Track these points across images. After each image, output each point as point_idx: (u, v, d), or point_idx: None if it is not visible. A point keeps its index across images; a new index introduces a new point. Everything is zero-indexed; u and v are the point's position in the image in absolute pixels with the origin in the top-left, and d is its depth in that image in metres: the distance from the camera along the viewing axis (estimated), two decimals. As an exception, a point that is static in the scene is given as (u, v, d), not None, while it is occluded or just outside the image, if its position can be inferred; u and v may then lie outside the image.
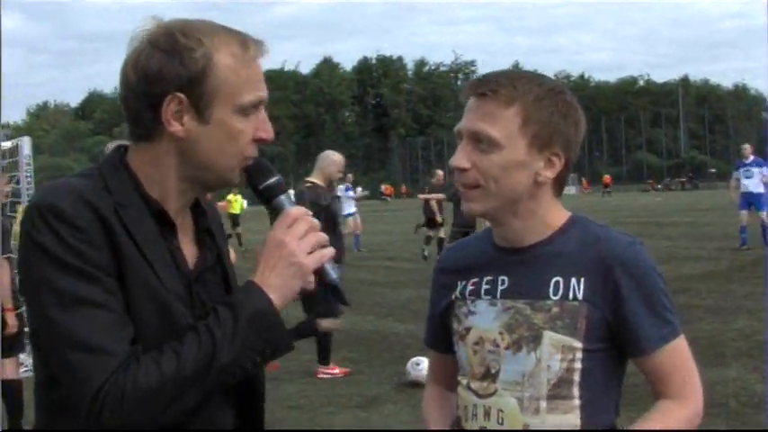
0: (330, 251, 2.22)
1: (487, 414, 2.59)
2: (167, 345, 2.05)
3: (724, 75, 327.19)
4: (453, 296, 2.74)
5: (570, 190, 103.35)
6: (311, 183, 10.96)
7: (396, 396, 9.63)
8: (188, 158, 2.20)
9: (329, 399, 9.61)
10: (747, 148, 25.06)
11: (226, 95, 2.16)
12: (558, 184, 2.61)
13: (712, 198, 62.42)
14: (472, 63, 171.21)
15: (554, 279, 2.54)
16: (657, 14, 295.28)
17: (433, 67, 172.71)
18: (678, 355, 2.57)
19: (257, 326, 2.10)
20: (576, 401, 2.52)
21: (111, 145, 7.02)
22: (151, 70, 2.13)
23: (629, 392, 2.62)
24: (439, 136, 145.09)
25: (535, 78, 2.58)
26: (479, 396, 2.62)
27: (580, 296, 2.50)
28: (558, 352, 2.49)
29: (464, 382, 2.68)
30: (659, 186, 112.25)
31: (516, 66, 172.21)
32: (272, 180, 2.30)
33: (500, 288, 2.61)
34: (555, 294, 2.52)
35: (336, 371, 10.80)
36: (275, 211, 2.28)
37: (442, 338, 2.84)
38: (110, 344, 1.99)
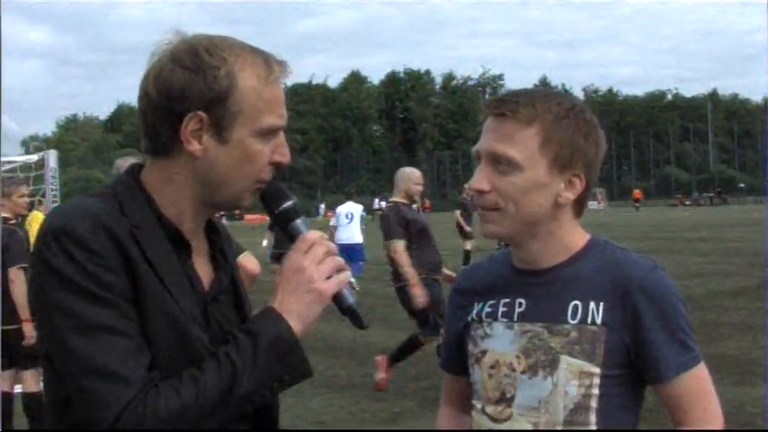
0: (347, 275, 2.19)
1: None
2: (186, 372, 2.02)
3: (753, 89, 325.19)
4: (470, 318, 2.69)
5: (592, 205, 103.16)
6: (393, 203, 10.90)
7: (420, 412, 9.57)
8: (203, 178, 2.17)
9: (353, 414, 9.57)
10: None
11: (247, 117, 2.13)
12: (579, 204, 2.56)
13: (741, 213, 62.24)
14: (500, 77, 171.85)
15: (572, 303, 2.49)
16: (686, 28, 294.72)
17: (460, 81, 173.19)
18: (698, 383, 2.51)
19: (277, 353, 2.08)
20: (593, 428, 2.46)
21: (121, 161, 7.05)
22: (173, 87, 2.10)
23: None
24: (466, 150, 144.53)
25: (555, 97, 2.52)
26: (494, 420, 2.56)
27: (599, 320, 2.45)
28: (576, 377, 2.44)
29: (478, 405, 2.63)
30: (687, 202, 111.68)
31: (544, 80, 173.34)
32: (288, 204, 2.28)
33: (517, 311, 2.56)
34: (573, 318, 2.47)
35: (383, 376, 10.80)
36: (291, 237, 2.25)
37: (456, 360, 2.78)
38: (128, 371, 1.96)
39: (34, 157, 12.34)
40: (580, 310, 2.47)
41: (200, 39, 2.17)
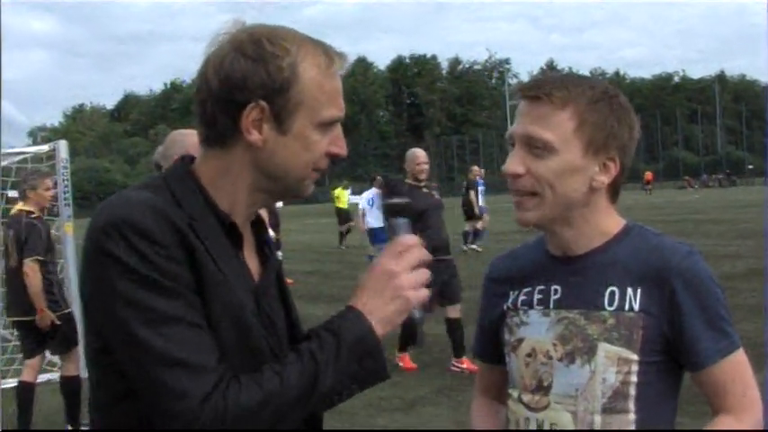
0: (427, 291, 2.15)
1: (540, 428, 2.52)
2: (268, 366, 2.01)
3: (761, 70, 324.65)
4: (505, 306, 2.67)
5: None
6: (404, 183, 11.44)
7: (436, 398, 9.59)
8: (261, 168, 2.15)
9: (369, 401, 9.51)
10: None
11: (308, 108, 2.12)
12: (614, 189, 2.54)
13: (750, 195, 62.06)
14: (506, 61, 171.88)
15: (609, 289, 2.47)
16: (693, 9, 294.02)
17: (467, 66, 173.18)
18: (736, 369, 2.47)
19: (358, 354, 2.06)
20: (632, 416, 2.44)
21: (161, 149, 7.01)
22: (235, 76, 2.08)
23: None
24: (474, 134, 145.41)
25: (588, 81, 2.50)
26: (531, 409, 2.54)
27: (636, 307, 2.42)
28: (614, 364, 2.42)
29: (515, 394, 2.61)
30: (696, 184, 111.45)
31: (551, 63, 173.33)
32: (403, 201, 2.30)
33: (553, 298, 2.55)
34: (610, 305, 2.45)
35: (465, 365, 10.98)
36: (391, 229, 2.25)
37: (492, 349, 2.77)
38: (203, 361, 1.94)
39: (45, 148, 12.28)
40: (617, 296, 2.45)
41: (262, 28, 2.15)
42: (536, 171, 2.42)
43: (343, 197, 34.81)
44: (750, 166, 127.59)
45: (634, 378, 2.42)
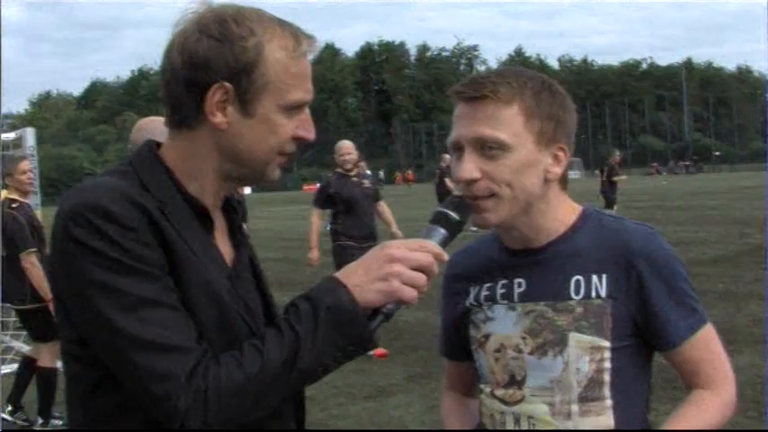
0: (416, 298, 2.08)
1: (517, 421, 2.50)
2: (247, 343, 1.97)
3: (727, 57, 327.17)
4: (467, 303, 2.64)
5: (573, 174, 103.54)
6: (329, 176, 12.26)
7: (407, 386, 9.58)
8: (226, 151, 2.12)
9: (340, 390, 9.50)
10: None
11: (273, 91, 2.08)
12: (563, 177, 2.52)
13: (717, 182, 62.62)
14: (475, 48, 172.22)
15: (574, 278, 2.46)
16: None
17: (435, 53, 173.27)
18: (706, 344, 2.50)
19: (338, 321, 2.00)
20: (608, 402, 2.44)
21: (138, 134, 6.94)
22: (199, 57, 2.04)
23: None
24: (442, 121, 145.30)
25: (524, 73, 2.46)
26: (506, 403, 2.52)
27: (603, 294, 2.42)
28: (586, 353, 2.41)
29: (487, 390, 2.59)
30: (663, 171, 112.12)
31: (519, 50, 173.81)
32: (448, 212, 2.29)
33: (517, 291, 2.52)
34: (577, 294, 2.44)
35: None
36: (426, 231, 2.24)
37: (456, 346, 2.74)
38: (181, 341, 1.91)
39: (12, 135, 12.22)
40: (583, 284, 2.44)
41: (228, 8, 2.11)
42: (492, 172, 2.37)
43: None
44: (717, 153, 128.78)
45: (607, 365, 2.42)
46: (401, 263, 2.04)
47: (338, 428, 8.26)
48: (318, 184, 13.49)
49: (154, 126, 5.97)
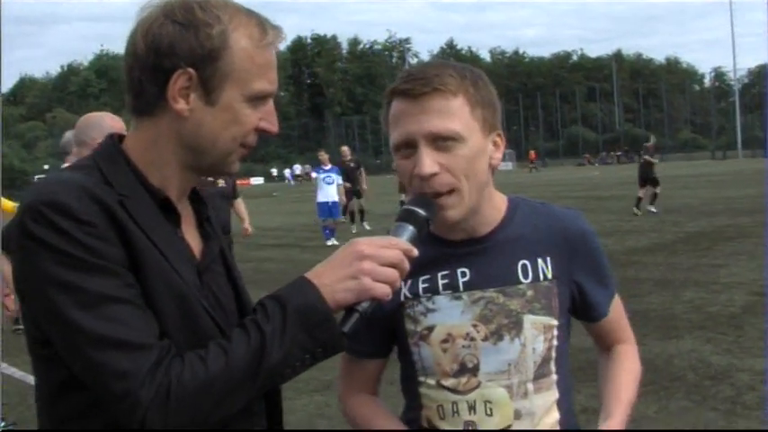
0: (389, 294, 2.04)
1: (472, 408, 2.49)
2: (214, 342, 1.93)
3: (656, 49, 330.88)
4: (401, 297, 2.57)
5: (506, 165, 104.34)
6: None
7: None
8: (188, 140, 2.07)
9: (287, 384, 9.38)
10: None
11: (237, 79, 2.05)
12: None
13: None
14: (407, 41, 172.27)
15: (521, 262, 2.51)
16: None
17: (367, 46, 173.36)
18: (619, 304, 2.75)
19: (306, 322, 1.96)
20: (554, 377, 2.55)
21: (69, 135, 6.84)
22: (162, 42, 2.01)
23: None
24: (374, 114, 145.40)
25: (455, 65, 2.46)
26: (459, 392, 2.50)
27: (550, 275, 2.52)
28: (540, 333, 2.50)
29: (430, 381, 2.55)
30: (595, 162, 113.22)
31: (451, 43, 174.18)
32: (420, 212, 2.27)
33: (462, 281, 2.51)
34: (525, 277, 2.50)
35: None
36: (394, 229, 2.22)
37: (375, 342, 2.68)
38: (142, 338, 1.86)
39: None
40: (530, 268, 2.51)
41: None
42: (450, 164, 2.35)
43: None
44: (647, 143, 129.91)
45: (555, 342, 2.53)
46: (371, 260, 2.02)
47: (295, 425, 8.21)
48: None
49: (105, 121, 5.90)
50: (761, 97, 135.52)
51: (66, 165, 6.49)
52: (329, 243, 24.09)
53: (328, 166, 26.77)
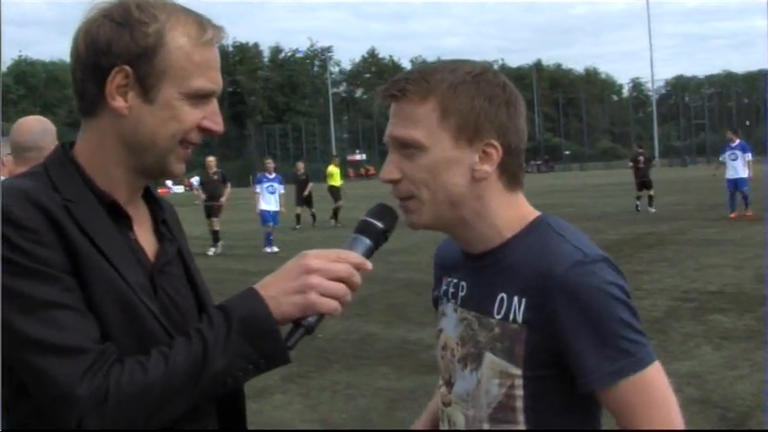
0: (338, 309, 2.05)
1: (448, 422, 2.47)
2: (155, 349, 1.95)
3: (576, 59, 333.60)
4: (437, 293, 2.62)
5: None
6: None
7: (284, 386, 9.53)
8: (128, 139, 2.10)
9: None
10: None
11: (174, 77, 2.07)
12: (509, 175, 2.32)
13: (568, 180, 63.88)
14: (328, 49, 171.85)
15: (500, 295, 2.28)
16: (512, 0, 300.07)
17: (289, 54, 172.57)
18: (641, 390, 2.14)
19: (250, 333, 1.97)
20: (521, 428, 2.25)
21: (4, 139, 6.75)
22: (100, 41, 2.05)
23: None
24: (296, 123, 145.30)
25: (451, 66, 2.31)
26: (443, 403, 2.50)
27: (520, 318, 2.22)
28: (496, 376, 2.26)
29: (440, 382, 2.55)
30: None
31: (372, 51, 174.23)
32: (377, 223, 2.24)
33: (460, 294, 2.45)
34: (498, 313, 2.28)
35: None
36: (349, 241, 2.20)
37: None
38: (78, 342, 1.88)
39: None
40: (505, 304, 2.26)
41: None
42: (409, 173, 2.27)
43: (336, 175, 35.24)
44: (567, 152, 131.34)
45: (519, 392, 2.23)
46: (318, 274, 2.02)
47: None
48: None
49: (23, 128, 5.86)
50: (677, 108, 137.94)
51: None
52: (269, 250, 24.36)
53: (272, 175, 26.83)
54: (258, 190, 26.54)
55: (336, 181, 34.81)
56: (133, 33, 2.05)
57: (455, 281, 2.50)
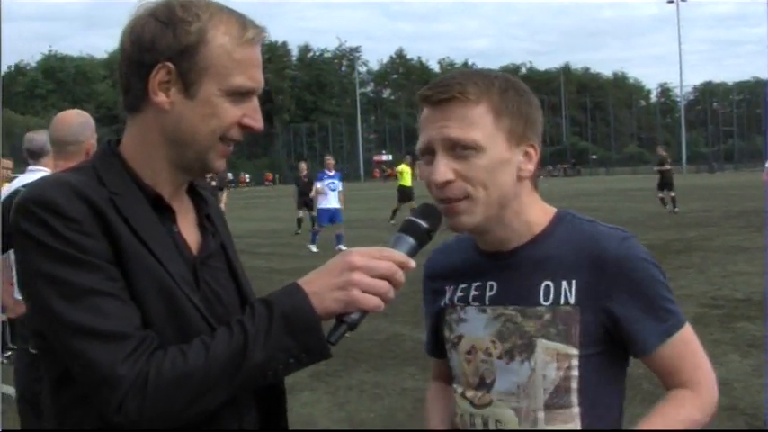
0: (380, 306, 2.06)
1: (485, 424, 2.49)
2: (198, 338, 1.99)
3: (604, 63, 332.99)
4: (443, 303, 2.62)
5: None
6: None
7: (312, 384, 9.59)
8: (170, 134, 2.16)
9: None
10: None
11: (215, 74, 2.13)
12: (533, 176, 2.47)
13: (595, 184, 63.69)
14: (356, 49, 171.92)
15: (544, 283, 2.41)
16: (539, 2, 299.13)
17: (317, 53, 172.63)
18: (684, 345, 2.42)
19: (292, 326, 2.00)
20: (576, 409, 2.40)
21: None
22: (145, 38, 2.12)
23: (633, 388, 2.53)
24: (323, 122, 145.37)
25: (488, 73, 2.44)
26: (476, 406, 2.51)
27: (572, 300, 2.37)
28: (554, 360, 2.37)
29: (459, 390, 2.57)
30: (542, 174, 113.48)
31: (400, 52, 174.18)
32: (422, 223, 2.26)
33: (488, 294, 2.49)
34: (546, 300, 2.39)
35: None
36: (394, 240, 2.22)
37: (437, 344, 2.72)
38: (120, 327, 1.94)
39: None
40: (552, 290, 2.39)
41: None
42: (466, 173, 2.33)
43: (407, 174, 33.88)
44: (593, 157, 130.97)
45: (575, 372, 2.38)
46: (361, 271, 2.04)
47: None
48: None
49: (62, 122, 5.91)
50: (705, 114, 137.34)
51: (36, 167, 6.50)
52: (314, 249, 24.25)
53: (332, 173, 26.61)
54: (320, 186, 26.19)
55: (407, 181, 33.53)
56: (176, 31, 2.11)
57: (475, 284, 2.54)
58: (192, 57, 2.11)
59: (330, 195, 25.95)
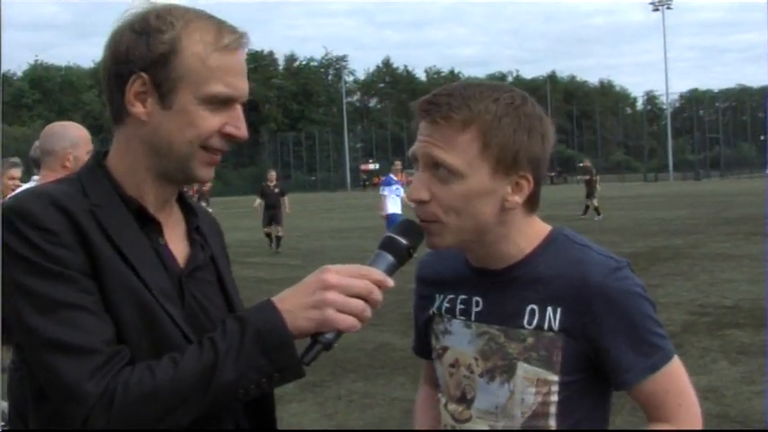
0: (355, 325, 2.02)
1: None
2: (168, 355, 1.96)
3: (591, 71, 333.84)
4: (431, 311, 2.59)
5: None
6: None
7: (300, 395, 9.56)
8: (149, 145, 2.14)
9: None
10: None
11: (190, 83, 2.10)
12: (531, 202, 2.37)
13: (581, 191, 63.45)
14: (343, 58, 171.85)
15: (529, 307, 2.34)
16: (528, 9, 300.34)
17: (303, 62, 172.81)
18: (669, 380, 2.33)
19: (265, 345, 1.95)
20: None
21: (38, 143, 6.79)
22: (121, 50, 2.12)
23: (622, 396, 2.49)
24: (310, 131, 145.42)
25: (491, 92, 2.29)
26: (456, 420, 2.49)
27: (556, 327, 2.31)
28: (533, 385, 2.33)
29: (443, 400, 2.56)
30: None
31: (387, 61, 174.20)
32: (402, 240, 2.22)
33: (474, 310, 2.45)
34: (530, 324, 2.33)
35: None
36: (373, 257, 2.18)
37: (426, 347, 2.68)
38: (90, 342, 1.91)
39: None
40: (537, 314, 2.33)
41: (159, 5, 2.17)
42: (441, 197, 2.27)
43: None
44: (580, 164, 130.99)
45: (554, 398, 2.34)
46: (336, 290, 2.00)
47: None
48: None
49: (70, 132, 5.95)
50: (691, 121, 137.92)
51: (36, 177, 6.52)
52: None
53: (397, 178, 25.91)
54: (387, 192, 25.27)
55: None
56: (149, 41, 2.10)
57: (462, 296, 2.50)
58: (166, 66, 2.10)
59: (396, 201, 25.01)
